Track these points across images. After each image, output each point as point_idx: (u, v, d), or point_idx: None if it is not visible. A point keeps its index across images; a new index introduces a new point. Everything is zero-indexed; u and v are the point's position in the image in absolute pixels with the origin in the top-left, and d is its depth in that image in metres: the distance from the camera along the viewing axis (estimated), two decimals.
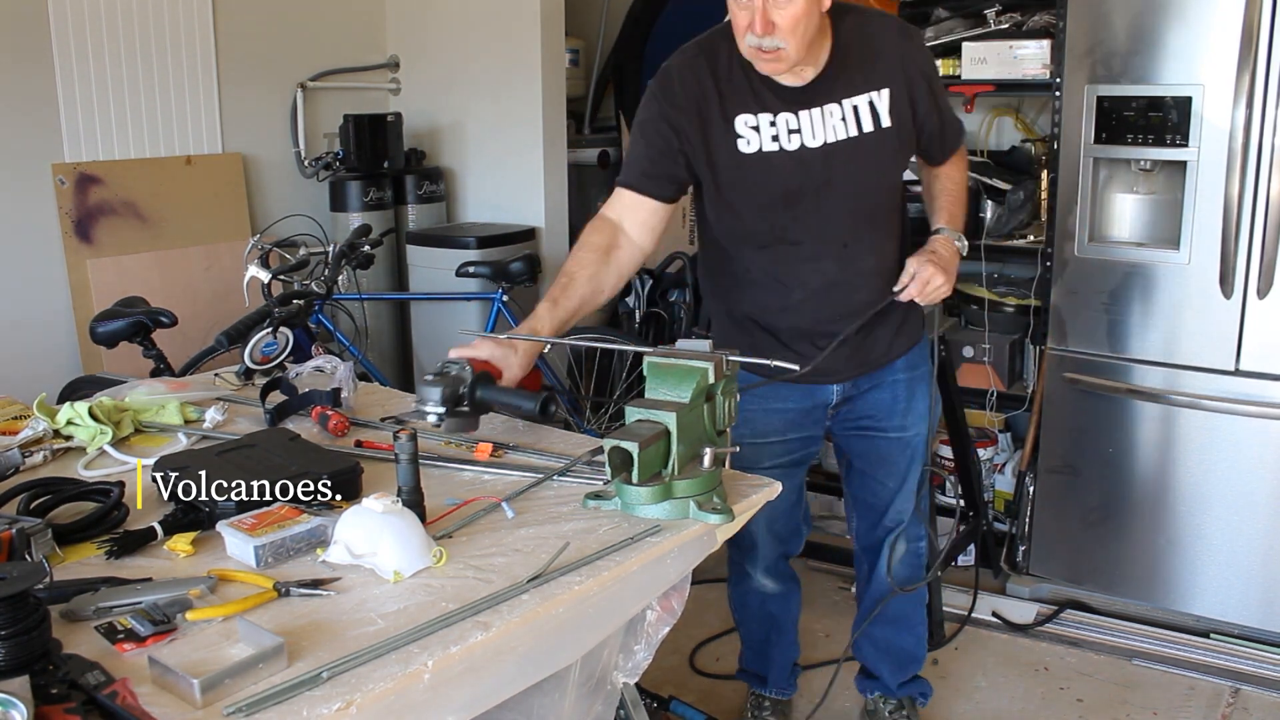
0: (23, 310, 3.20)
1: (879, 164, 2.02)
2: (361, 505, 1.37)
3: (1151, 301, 2.89)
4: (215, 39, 3.59)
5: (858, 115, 1.97)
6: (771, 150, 1.96)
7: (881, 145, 2.00)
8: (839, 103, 1.96)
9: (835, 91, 1.96)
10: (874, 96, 1.98)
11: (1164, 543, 2.97)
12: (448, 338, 3.77)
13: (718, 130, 1.97)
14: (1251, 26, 2.60)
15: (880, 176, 2.05)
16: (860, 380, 2.19)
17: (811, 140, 1.96)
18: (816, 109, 1.96)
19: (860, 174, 2.00)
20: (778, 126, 1.96)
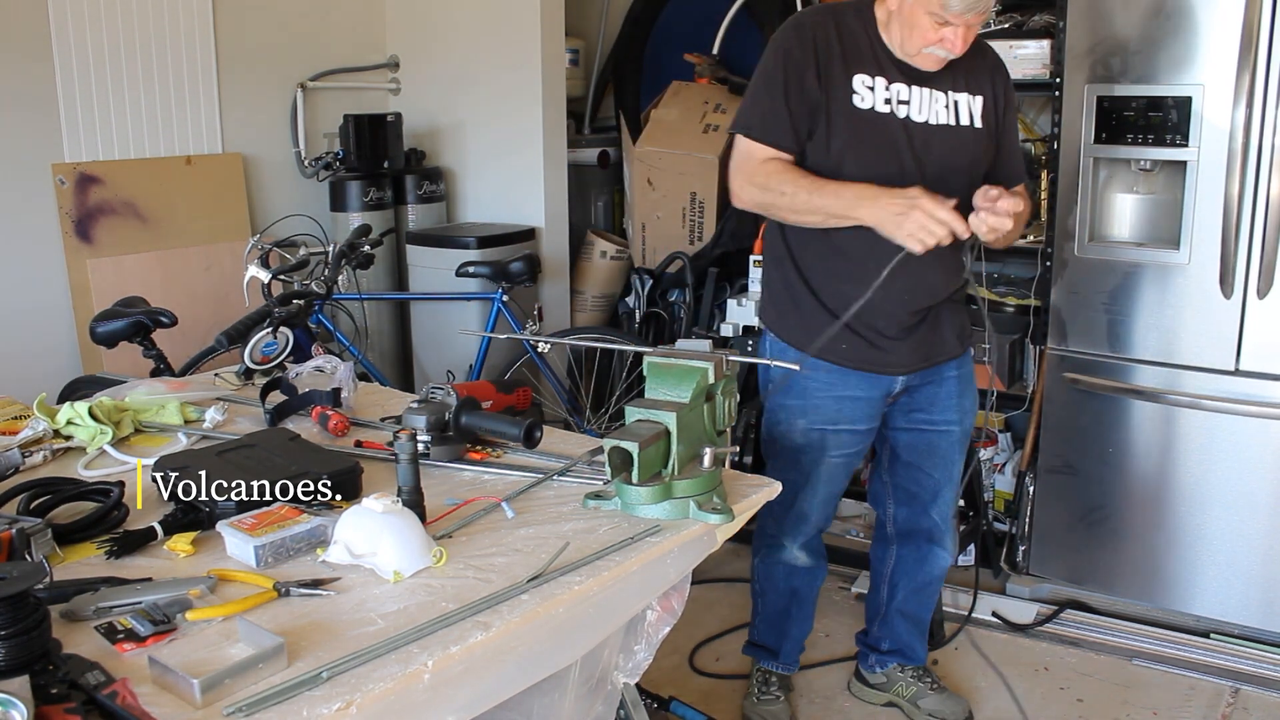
0: (23, 310, 3.20)
1: (969, 157, 2.17)
2: (361, 505, 1.37)
3: (1151, 301, 2.89)
4: (215, 39, 3.59)
5: (958, 109, 2.15)
6: (884, 111, 2.10)
7: (973, 141, 2.17)
8: (945, 92, 2.13)
9: (943, 81, 2.13)
10: (971, 99, 2.17)
11: (1164, 543, 2.97)
12: (448, 338, 3.79)
13: (837, 83, 2.09)
14: (1251, 26, 2.60)
15: (968, 169, 2.16)
16: (919, 374, 2.28)
17: (917, 114, 2.12)
18: (926, 89, 2.12)
19: (953, 160, 2.14)
20: (891, 92, 2.10)
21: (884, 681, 2.63)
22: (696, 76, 4.20)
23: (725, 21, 4.18)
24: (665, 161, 4.01)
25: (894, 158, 2.10)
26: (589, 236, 4.28)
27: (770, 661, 2.63)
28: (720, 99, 4.06)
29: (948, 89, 2.14)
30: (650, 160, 4.04)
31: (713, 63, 4.15)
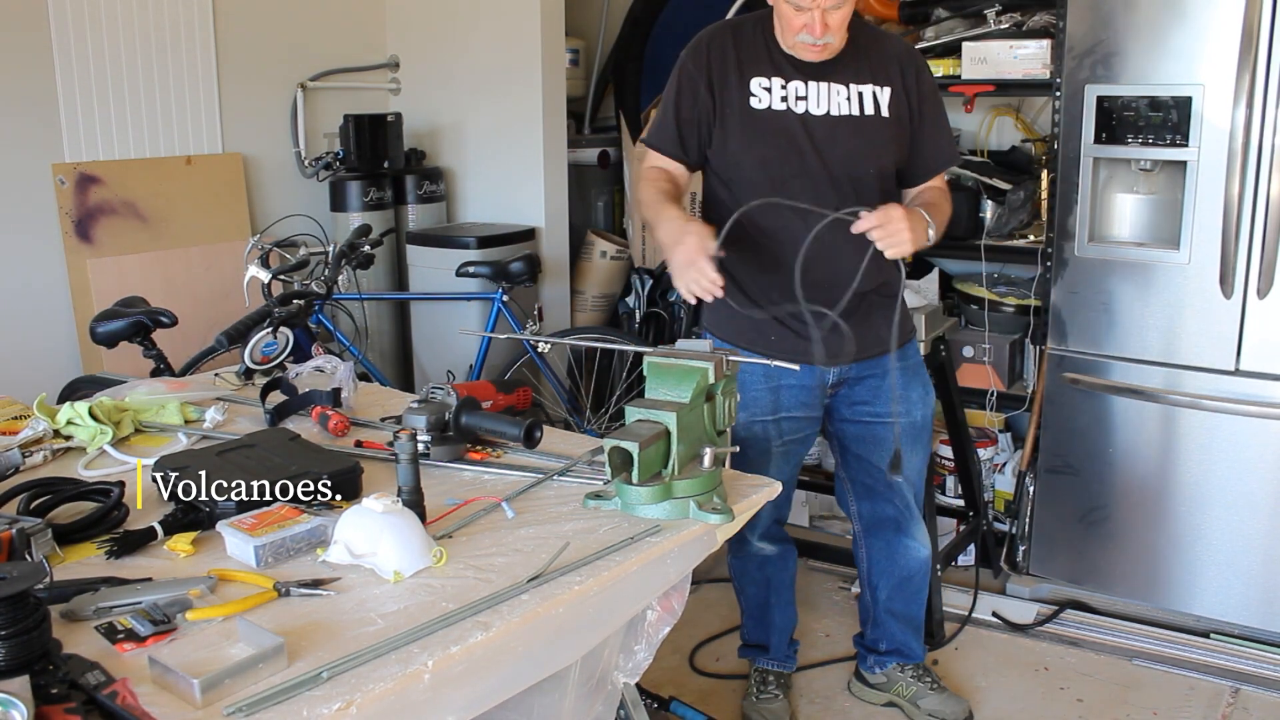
0: (23, 310, 3.19)
1: (874, 145, 2.21)
2: (361, 505, 1.37)
3: (1151, 301, 2.88)
4: (215, 39, 3.59)
5: (861, 99, 2.19)
6: (780, 109, 2.18)
7: (878, 130, 2.21)
8: (846, 85, 2.19)
9: (844, 74, 2.19)
10: (877, 90, 2.21)
11: (1164, 543, 2.97)
12: (448, 338, 3.78)
13: (733, 89, 2.19)
14: (1251, 26, 2.60)
15: (874, 157, 2.22)
16: (856, 366, 2.31)
17: (815, 108, 2.18)
18: (824, 84, 2.18)
19: (856, 148, 2.19)
20: (788, 90, 2.18)
21: (884, 681, 2.63)
22: None
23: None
24: None
25: (792, 151, 2.18)
26: (589, 236, 4.28)
27: (764, 659, 2.64)
28: None
29: (850, 81, 2.19)
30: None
31: None
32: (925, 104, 2.26)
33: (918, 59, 2.28)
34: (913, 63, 2.26)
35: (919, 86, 2.25)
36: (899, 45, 2.30)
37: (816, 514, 3.64)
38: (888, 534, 2.50)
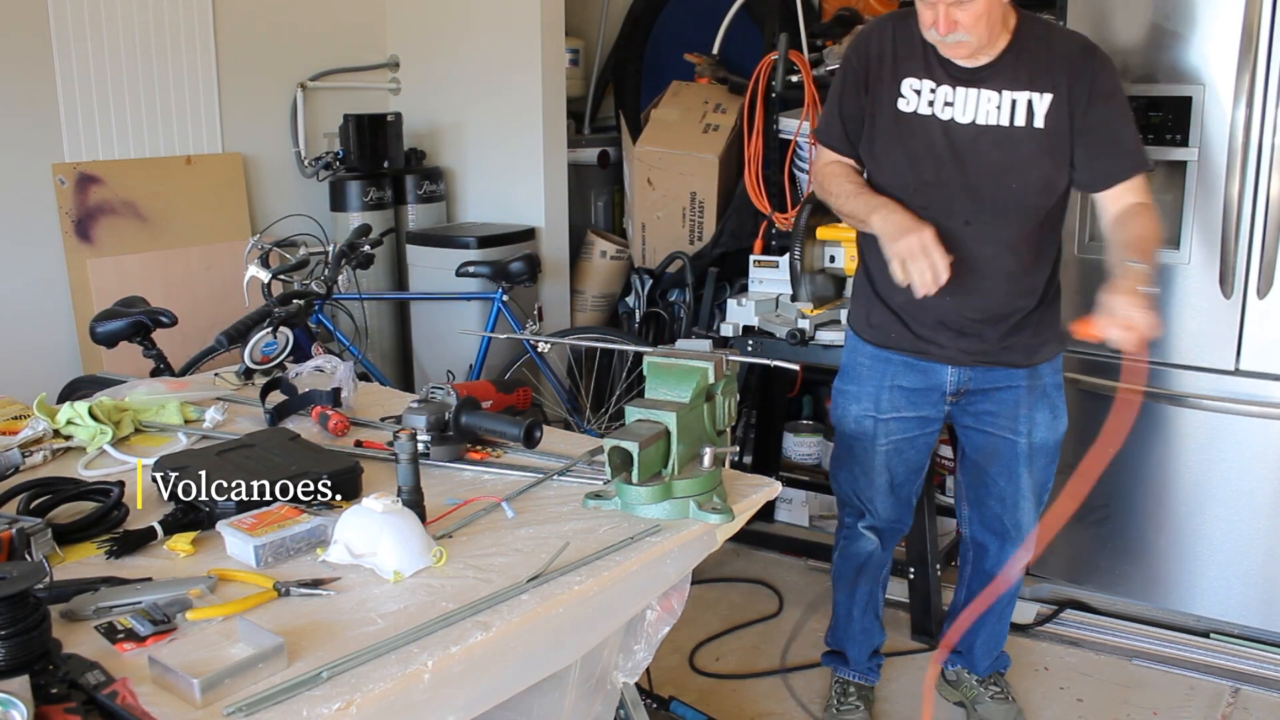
0: (23, 310, 3.20)
1: (1022, 159, 2.08)
2: (361, 505, 1.37)
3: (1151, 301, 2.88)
4: (215, 39, 3.59)
5: (1014, 108, 2.06)
6: (925, 114, 2.10)
7: (1029, 143, 2.07)
8: (999, 91, 2.06)
9: (999, 80, 2.06)
10: (1034, 97, 2.06)
11: (1164, 543, 2.97)
12: (448, 338, 3.79)
13: (886, 87, 2.13)
14: (1251, 26, 2.60)
15: (1022, 173, 2.09)
16: (979, 372, 2.24)
17: (961, 116, 2.08)
18: (975, 90, 2.07)
19: (999, 161, 2.08)
20: (936, 95, 2.09)
21: (955, 680, 2.64)
22: (696, 76, 4.20)
23: (725, 21, 4.18)
24: (665, 161, 4.01)
25: (930, 159, 2.10)
26: (589, 236, 4.28)
27: (843, 669, 2.59)
28: (720, 99, 4.06)
29: (1003, 88, 2.07)
30: (650, 160, 4.04)
31: (713, 63, 4.15)
32: (1095, 108, 2.06)
33: (1095, 59, 2.08)
34: (1088, 64, 2.06)
35: (1091, 89, 2.05)
36: (1072, 44, 2.10)
37: (816, 514, 3.64)
38: (985, 544, 2.46)
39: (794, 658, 2.90)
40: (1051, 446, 2.33)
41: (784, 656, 2.91)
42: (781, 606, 3.17)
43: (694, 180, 3.99)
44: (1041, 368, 2.27)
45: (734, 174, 3.93)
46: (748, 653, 2.93)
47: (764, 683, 2.79)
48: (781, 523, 3.64)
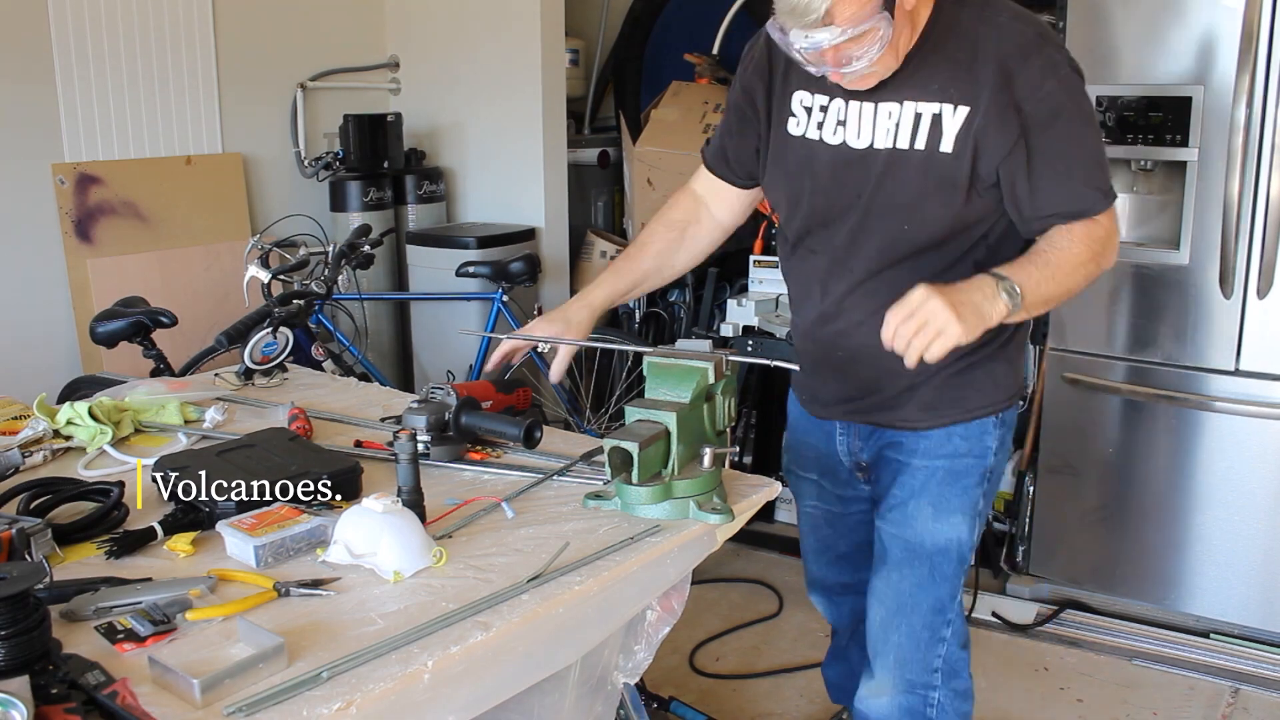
0: (23, 310, 3.19)
1: (919, 193, 1.60)
2: (361, 505, 1.37)
3: (1151, 301, 2.88)
4: (215, 39, 3.59)
5: (916, 126, 1.59)
6: (813, 138, 1.69)
7: (928, 172, 1.59)
8: (900, 103, 1.59)
9: (904, 88, 1.58)
10: (945, 110, 1.56)
11: (1164, 543, 2.97)
12: (448, 338, 3.78)
13: (778, 103, 1.73)
14: (1251, 26, 2.60)
15: (922, 210, 1.61)
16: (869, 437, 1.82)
17: (855, 140, 1.64)
18: (871, 104, 1.61)
19: (893, 198, 1.62)
20: (828, 114, 1.67)
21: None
22: (696, 76, 4.20)
23: (725, 21, 4.19)
24: (665, 161, 4.01)
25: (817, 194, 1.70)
26: (589, 236, 4.28)
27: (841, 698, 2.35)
28: (720, 99, 4.06)
29: (908, 98, 1.58)
30: (650, 160, 4.04)
31: (713, 63, 4.15)
32: (1036, 128, 1.54)
33: (1039, 59, 1.53)
34: (1027, 66, 1.53)
35: (1032, 100, 1.53)
36: (1008, 39, 1.54)
37: None
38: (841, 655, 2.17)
39: (794, 658, 2.90)
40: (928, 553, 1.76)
41: (784, 657, 2.91)
42: (781, 606, 3.17)
43: None
44: (933, 434, 1.74)
45: None
46: (748, 653, 2.93)
47: (764, 683, 2.79)
48: (781, 523, 3.65)
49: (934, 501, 1.75)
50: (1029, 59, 1.53)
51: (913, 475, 1.76)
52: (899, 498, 1.78)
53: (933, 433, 1.74)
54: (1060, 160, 1.56)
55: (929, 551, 1.76)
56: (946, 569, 1.77)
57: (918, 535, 1.76)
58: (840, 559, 2.03)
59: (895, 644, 1.82)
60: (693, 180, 1.97)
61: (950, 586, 1.79)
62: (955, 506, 1.75)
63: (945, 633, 1.81)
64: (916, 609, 1.79)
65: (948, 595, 1.79)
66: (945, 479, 1.75)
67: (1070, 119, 1.55)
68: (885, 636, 1.83)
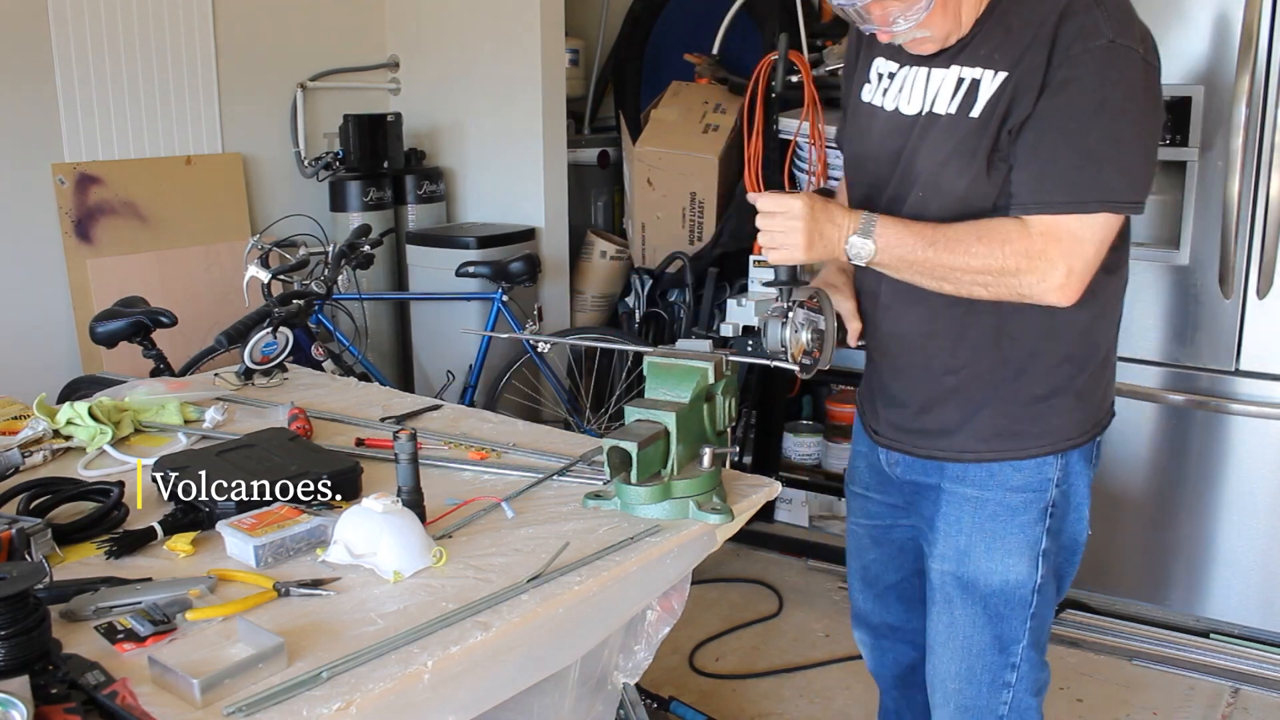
0: (23, 310, 3.19)
1: (941, 160, 1.51)
2: (361, 505, 1.37)
3: (1151, 301, 2.89)
4: (215, 39, 3.59)
5: (956, 91, 1.49)
6: (876, 104, 1.61)
7: (951, 136, 1.49)
8: (948, 67, 1.50)
9: (959, 56, 1.49)
10: (985, 75, 1.46)
11: (1164, 543, 2.97)
12: (448, 338, 3.78)
13: (859, 74, 1.67)
14: (1251, 26, 2.60)
15: (936, 178, 1.52)
16: (912, 464, 1.69)
17: (907, 106, 1.56)
18: (924, 69, 1.53)
19: (923, 163, 1.53)
20: (894, 80, 1.59)
21: None
22: (696, 76, 4.20)
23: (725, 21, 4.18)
24: (665, 161, 4.01)
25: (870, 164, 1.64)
26: (589, 236, 4.28)
27: None
28: (720, 99, 4.06)
29: (955, 61, 1.49)
30: (650, 160, 4.04)
31: (713, 63, 4.15)
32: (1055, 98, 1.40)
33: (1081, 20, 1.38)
34: (1067, 25, 1.39)
35: (1061, 72, 1.39)
36: (1069, 19, 1.39)
37: (816, 514, 3.64)
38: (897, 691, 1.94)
39: (794, 658, 2.90)
40: (984, 593, 1.62)
41: (783, 657, 2.91)
42: (781, 606, 3.17)
43: (694, 180, 3.98)
44: (976, 469, 1.61)
45: (734, 174, 3.93)
46: (748, 653, 2.93)
47: (764, 683, 2.79)
48: (781, 523, 3.65)
49: (987, 536, 1.61)
50: (1071, 19, 1.39)
51: (960, 507, 1.62)
52: (946, 532, 1.64)
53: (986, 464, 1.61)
54: (1058, 139, 1.41)
55: (983, 592, 1.62)
56: (1003, 609, 1.62)
57: (970, 573, 1.62)
58: (888, 591, 1.87)
59: (955, 690, 1.68)
60: None
61: (1011, 627, 1.63)
62: (1011, 547, 1.60)
63: (1010, 677, 1.65)
64: (972, 650, 1.65)
65: (1010, 636, 1.63)
66: (997, 514, 1.60)
67: (1079, 96, 1.38)
68: (943, 681, 1.70)
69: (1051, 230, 1.41)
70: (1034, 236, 1.42)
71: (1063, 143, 1.40)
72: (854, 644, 2.39)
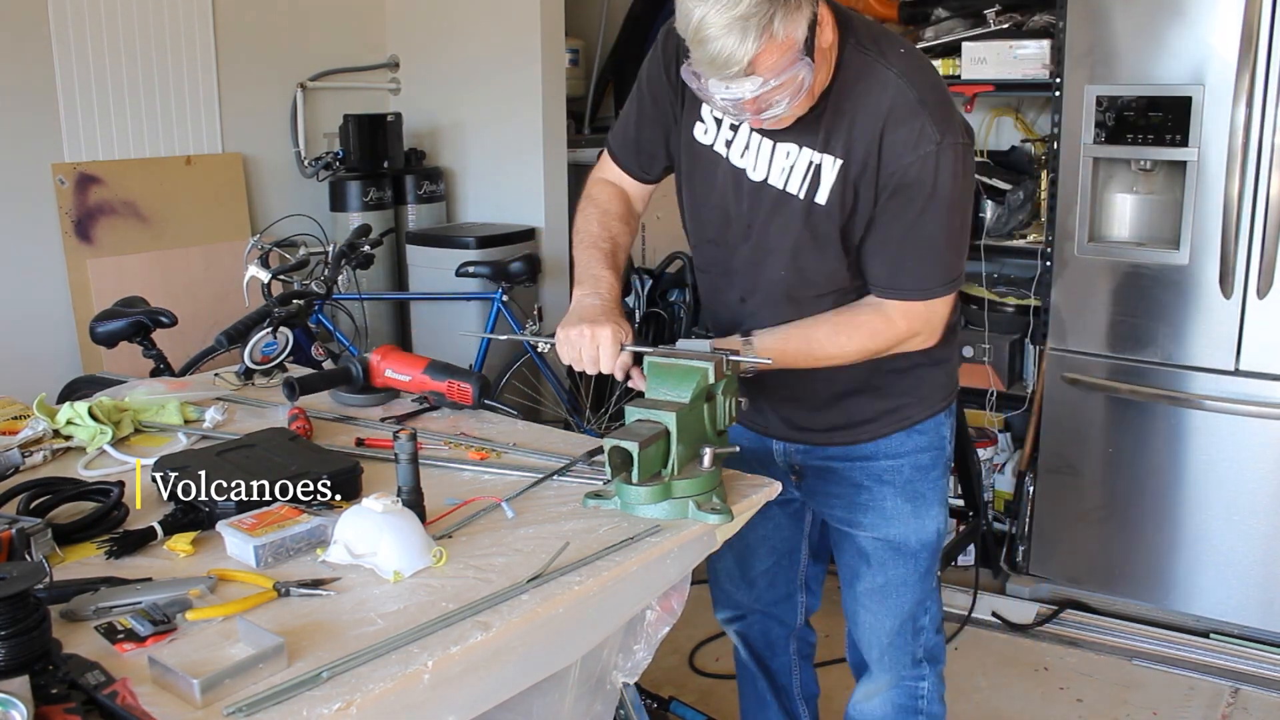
0: (23, 310, 3.19)
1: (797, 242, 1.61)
2: (361, 505, 1.37)
3: (1151, 301, 2.89)
4: (215, 39, 3.59)
5: (807, 173, 1.58)
6: (720, 153, 1.65)
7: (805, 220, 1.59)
8: (798, 146, 1.57)
9: (802, 134, 1.56)
10: (825, 161, 1.55)
11: (1164, 543, 2.97)
12: (448, 338, 3.78)
13: (689, 110, 1.67)
14: (1251, 26, 2.60)
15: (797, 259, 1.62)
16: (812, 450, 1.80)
17: (753, 172, 1.62)
18: (770, 142, 1.60)
19: (778, 239, 1.63)
20: (736, 135, 1.63)
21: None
22: None
23: None
24: None
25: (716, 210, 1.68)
26: None
27: None
28: None
29: (802, 142, 1.56)
30: None
31: None
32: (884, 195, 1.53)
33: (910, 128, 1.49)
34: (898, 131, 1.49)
35: (890, 167, 1.50)
36: (891, 99, 1.50)
37: None
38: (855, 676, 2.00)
39: None
40: (913, 549, 1.79)
41: None
42: None
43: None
44: (893, 439, 1.76)
45: None
46: None
47: None
48: None
49: (911, 498, 1.77)
50: (900, 125, 1.50)
51: (878, 476, 1.77)
52: (870, 501, 1.78)
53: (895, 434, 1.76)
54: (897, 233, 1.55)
55: (914, 549, 1.79)
56: (928, 562, 1.82)
57: (902, 534, 1.78)
58: (761, 579, 2.00)
59: (885, 645, 1.87)
60: (602, 171, 1.85)
61: (932, 578, 1.85)
62: (932, 499, 1.79)
63: (924, 621, 1.88)
64: (902, 608, 1.84)
65: (928, 587, 1.85)
66: (914, 474, 1.77)
67: (916, 197, 1.51)
68: (879, 637, 1.86)
69: (909, 312, 1.61)
70: (895, 320, 1.61)
71: (907, 242, 1.56)
72: None
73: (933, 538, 1.80)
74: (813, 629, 2.11)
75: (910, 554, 1.80)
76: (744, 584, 2.02)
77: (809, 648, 2.13)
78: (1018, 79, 3.21)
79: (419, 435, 1.49)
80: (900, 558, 1.80)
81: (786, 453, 1.83)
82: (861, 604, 1.86)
